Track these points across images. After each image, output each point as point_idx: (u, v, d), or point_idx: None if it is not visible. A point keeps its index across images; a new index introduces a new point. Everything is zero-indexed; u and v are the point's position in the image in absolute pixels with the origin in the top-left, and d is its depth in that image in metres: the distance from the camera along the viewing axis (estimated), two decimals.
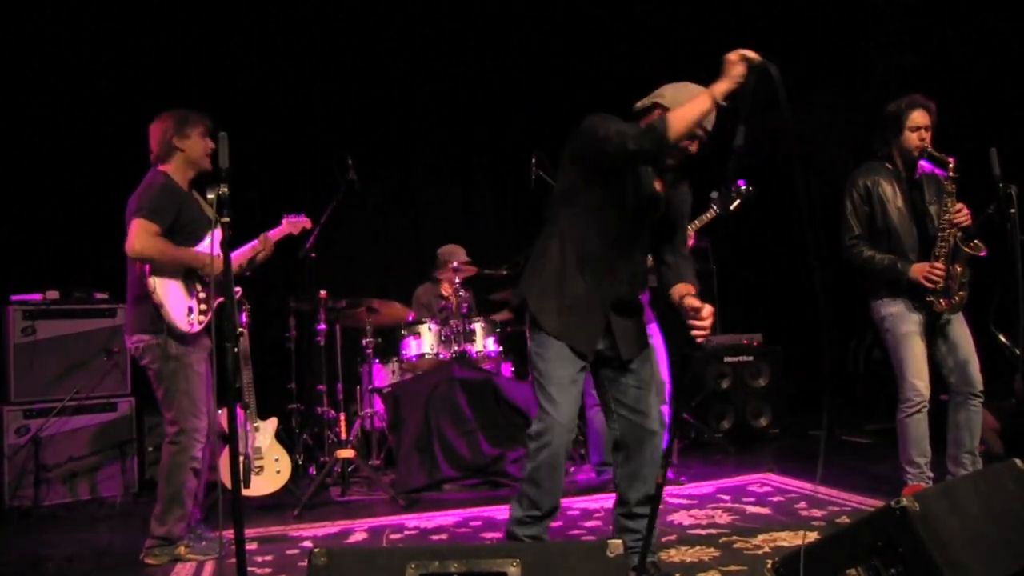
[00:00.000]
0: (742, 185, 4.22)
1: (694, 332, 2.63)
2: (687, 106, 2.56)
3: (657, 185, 2.78)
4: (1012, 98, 5.43)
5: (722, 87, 2.52)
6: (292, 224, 3.91)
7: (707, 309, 2.62)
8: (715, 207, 4.24)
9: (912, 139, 3.65)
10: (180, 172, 3.53)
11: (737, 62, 2.50)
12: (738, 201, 4.22)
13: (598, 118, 2.68)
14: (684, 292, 2.76)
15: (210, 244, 3.49)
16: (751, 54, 2.48)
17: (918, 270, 3.60)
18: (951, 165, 3.59)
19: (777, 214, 6.89)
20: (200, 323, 3.45)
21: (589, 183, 2.74)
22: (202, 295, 3.48)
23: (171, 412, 3.43)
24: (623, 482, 2.84)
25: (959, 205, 3.61)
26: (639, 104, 2.83)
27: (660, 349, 4.50)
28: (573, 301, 2.72)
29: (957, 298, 3.65)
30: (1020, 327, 3.26)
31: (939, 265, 3.59)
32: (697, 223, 4.26)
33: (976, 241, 3.63)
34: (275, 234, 3.83)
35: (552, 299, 2.74)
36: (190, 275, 3.46)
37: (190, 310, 3.42)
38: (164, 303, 3.35)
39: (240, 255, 3.69)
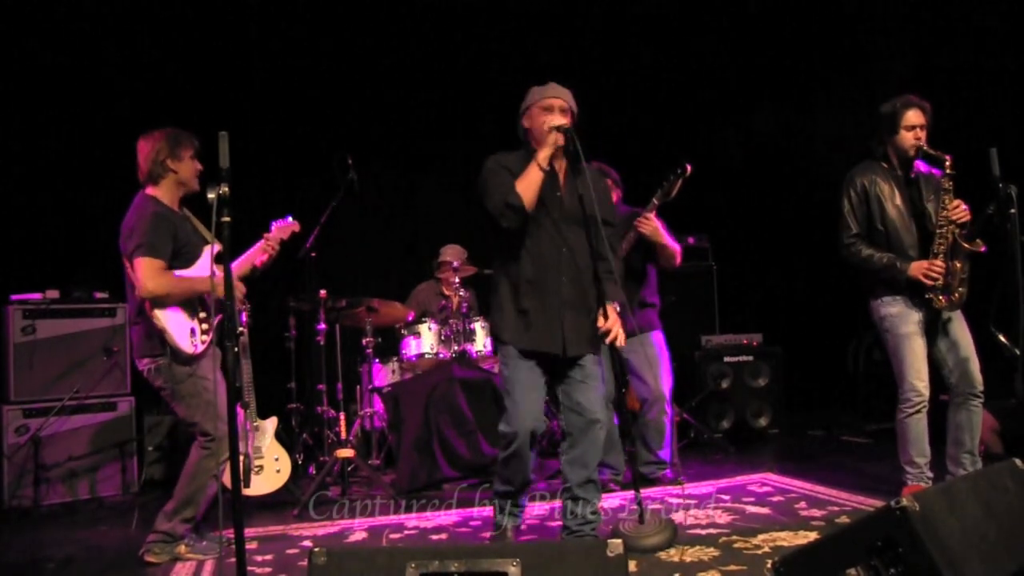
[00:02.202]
0: (679, 170, 4.05)
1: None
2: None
3: (559, 181, 3.20)
4: (1012, 98, 5.43)
5: (544, 154, 3.06)
6: (280, 229, 3.83)
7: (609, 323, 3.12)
8: (655, 198, 4.15)
9: (908, 138, 3.66)
10: (170, 194, 3.51)
11: (552, 132, 3.07)
12: (679, 182, 4.08)
13: (487, 175, 3.16)
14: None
15: (203, 264, 3.50)
16: (558, 121, 3.08)
17: (917, 268, 3.60)
18: (948, 163, 3.59)
19: (777, 214, 6.91)
20: (203, 343, 3.45)
21: None
22: (202, 315, 3.48)
23: (197, 425, 3.45)
24: (567, 467, 3.20)
25: (957, 201, 3.61)
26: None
27: (662, 357, 4.49)
28: (525, 308, 3.15)
29: (956, 295, 3.65)
30: (1020, 327, 3.26)
31: (938, 262, 3.59)
32: (650, 206, 4.17)
33: (976, 239, 3.63)
34: (273, 237, 3.77)
35: (507, 313, 3.20)
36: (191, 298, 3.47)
37: (192, 332, 3.42)
38: (167, 328, 3.36)
39: (246, 259, 3.69)
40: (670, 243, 4.25)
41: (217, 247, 3.52)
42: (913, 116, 3.65)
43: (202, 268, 3.49)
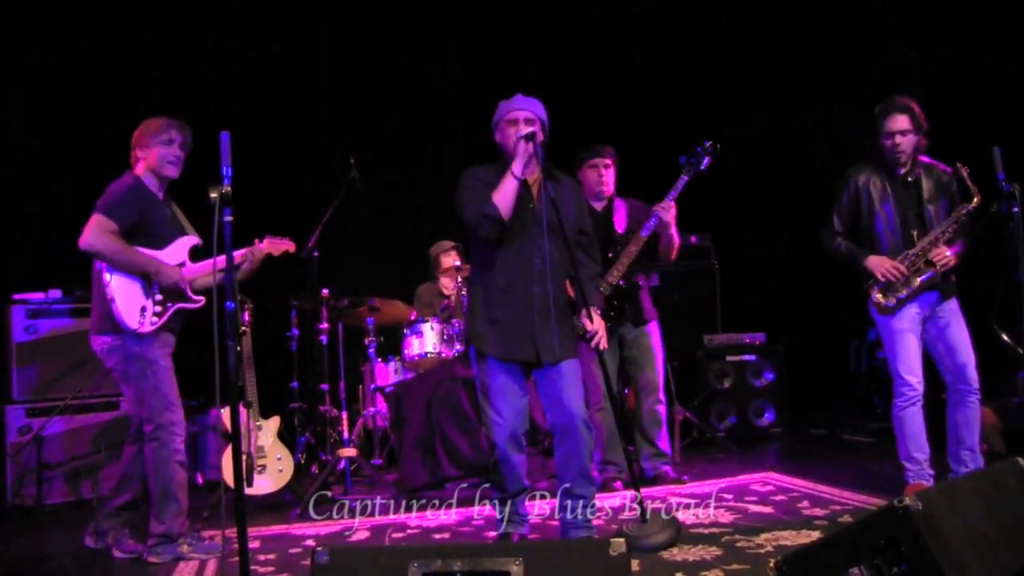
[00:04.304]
0: (707, 144, 4.18)
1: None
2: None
3: (532, 191, 3.27)
4: (1012, 98, 5.43)
5: (518, 164, 3.16)
6: (273, 244, 3.82)
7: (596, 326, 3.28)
8: (684, 173, 4.23)
9: (886, 144, 3.71)
10: (149, 179, 3.56)
11: (520, 142, 3.17)
12: (707, 159, 4.18)
13: (463, 188, 3.27)
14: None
15: (175, 251, 3.52)
16: (524, 131, 3.16)
17: (877, 264, 3.66)
18: (974, 203, 3.59)
19: (778, 213, 6.90)
20: (153, 324, 3.42)
21: None
22: (159, 297, 3.46)
23: (144, 410, 3.44)
24: (559, 464, 3.28)
25: (942, 249, 3.61)
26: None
27: (657, 348, 4.51)
28: (497, 317, 3.23)
29: (895, 300, 3.67)
30: (1022, 326, 3.26)
31: (901, 267, 3.63)
32: (674, 192, 4.23)
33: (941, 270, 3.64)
34: (260, 250, 3.76)
35: (481, 322, 3.27)
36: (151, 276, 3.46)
37: (143, 309, 3.41)
38: (116, 298, 3.37)
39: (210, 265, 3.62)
40: (676, 233, 4.32)
41: (195, 240, 3.59)
42: (891, 123, 3.67)
43: (171, 255, 3.52)
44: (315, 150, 6.14)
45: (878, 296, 3.69)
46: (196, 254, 3.62)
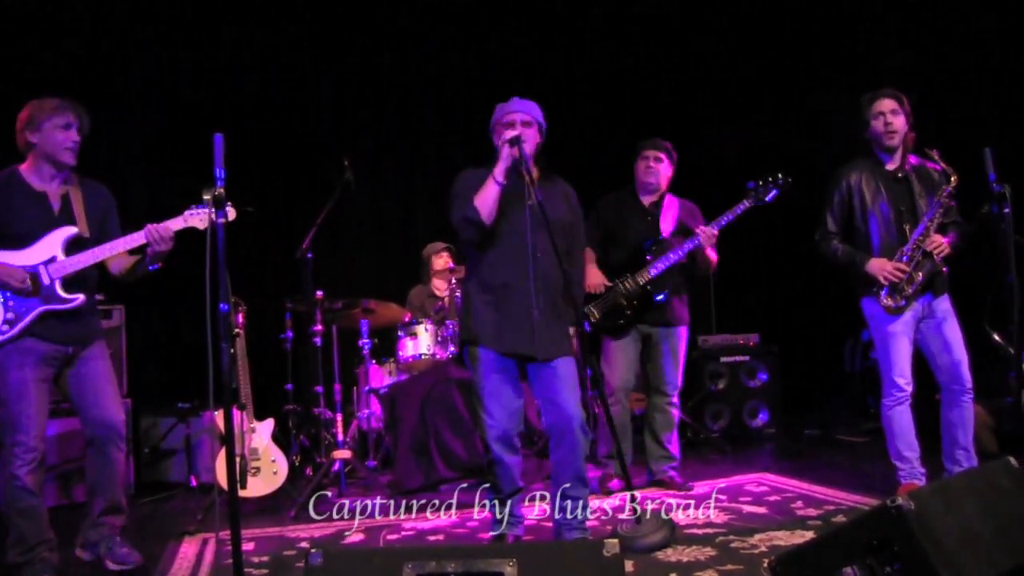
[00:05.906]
0: (780, 177, 4.17)
1: None
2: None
3: (529, 192, 3.21)
4: (1008, 98, 5.45)
5: (500, 169, 3.11)
6: (199, 216, 3.28)
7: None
8: (747, 199, 4.22)
9: (876, 126, 3.72)
10: (36, 168, 3.25)
11: (504, 146, 3.11)
12: (775, 191, 4.17)
13: (454, 189, 3.28)
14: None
15: (41, 248, 3.20)
16: (509, 135, 3.11)
17: (879, 267, 3.65)
18: (954, 181, 3.61)
19: (773, 214, 6.91)
20: (3, 333, 3.12)
21: None
22: (11, 303, 3.16)
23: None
24: (554, 466, 3.28)
25: (935, 237, 3.63)
26: None
27: (683, 352, 4.48)
28: (499, 312, 3.22)
29: (904, 300, 3.68)
30: (1014, 326, 3.27)
31: (903, 266, 3.63)
32: (730, 216, 4.23)
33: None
34: (173, 224, 3.25)
35: (481, 316, 3.25)
36: None
37: None
38: None
39: (110, 248, 3.25)
40: (713, 252, 4.34)
41: (71, 231, 3.23)
42: (879, 104, 3.71)
43: (34, 253, 3.20)
44: (310, 151, 6.13)
45: (887, 300, 3.67)
46: (82, 245, 3.26)
